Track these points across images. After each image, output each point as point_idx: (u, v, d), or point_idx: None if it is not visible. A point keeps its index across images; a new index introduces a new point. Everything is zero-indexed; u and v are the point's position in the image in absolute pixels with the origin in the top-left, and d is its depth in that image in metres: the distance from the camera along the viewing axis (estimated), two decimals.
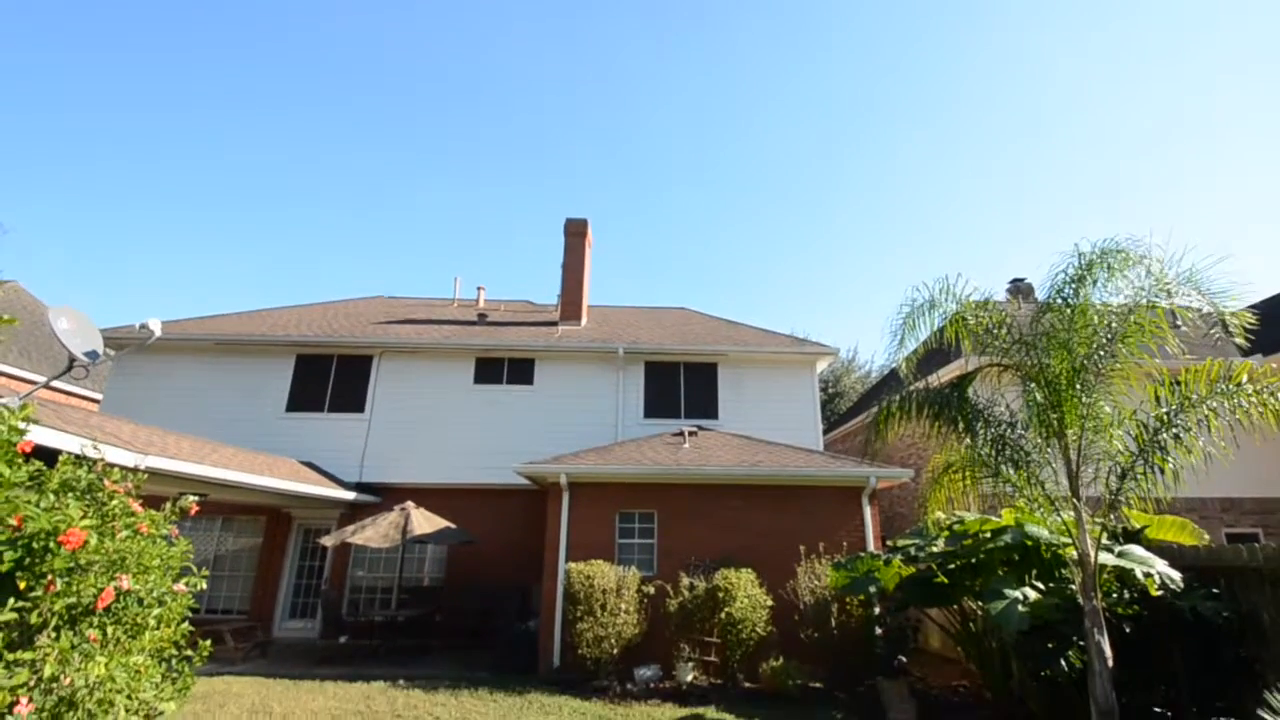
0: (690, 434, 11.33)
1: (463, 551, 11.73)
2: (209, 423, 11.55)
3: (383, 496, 12.02)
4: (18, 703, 3.60)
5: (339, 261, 54.52)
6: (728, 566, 8.35)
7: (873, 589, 7.58)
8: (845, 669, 7.81)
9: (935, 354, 12.06)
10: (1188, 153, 48.71)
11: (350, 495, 11.50)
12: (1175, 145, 49.12)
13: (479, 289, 16.96)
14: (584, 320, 15.30)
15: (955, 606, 7.58)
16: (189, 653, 5.54)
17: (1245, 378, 5.55)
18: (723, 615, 7.85)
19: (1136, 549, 6.19)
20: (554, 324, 15.09)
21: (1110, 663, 5.31)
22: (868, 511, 9.42)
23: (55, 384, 13.98)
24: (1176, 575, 5.75)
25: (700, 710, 6.99)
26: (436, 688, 7.89)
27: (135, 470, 5.71)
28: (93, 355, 7.84)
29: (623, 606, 8.14)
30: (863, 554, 8.31)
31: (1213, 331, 5.83)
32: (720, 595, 7.94)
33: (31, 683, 3.82)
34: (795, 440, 11.89)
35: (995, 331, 6.60)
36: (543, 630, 8.93)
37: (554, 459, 9.99)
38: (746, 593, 7.98)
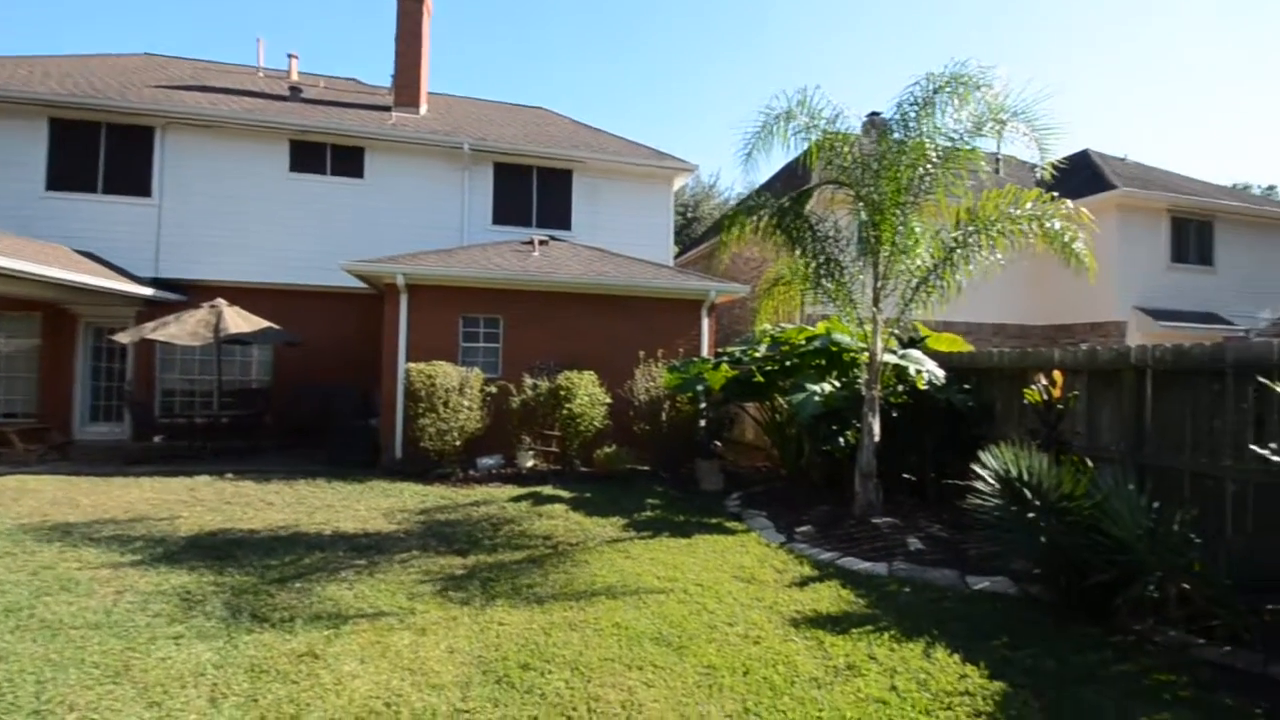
0: (541, 243, 10.96)
1: (293, 353, 10.98)
2: None
3: (189, 295, 10.60)
4: None
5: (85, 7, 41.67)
6: (572, 369, 8.65)
7: (701, 388, 8.34)
8: (671, 456, 8.79)
9: (792, 178, 12.37)
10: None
11: (147, 291, 10.05)
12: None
13: (291, 56, 13.75)
14: (424, 108, 13.37)
15: (768, 402, 8.63)
16: None
17: (1030, 204, 6.26)
18: (564, 411, 8.28)
19: (915, 353, 7.25)
20: (387, 109, 13.05)
21: (876, 439, 6.43)
22: (705, 323, 10.03)
23: None
24: (941, 374, 6.87)
25: (538, 489, 7.61)
26: (269, 479, 7.76)
27: None
28: None
29: (465, 404, 8.26)
30: (696, 359, 8.99)
31: (1038, 170, 6.38)
32: (562, 393, 8.30)
33: None
34: (648, 256, 11.98)
35: (838, 149, 6.75)
36: (384, 426, 8.92)
37: (390, 259, 9.28)
38: (587, 391, 8.41)
